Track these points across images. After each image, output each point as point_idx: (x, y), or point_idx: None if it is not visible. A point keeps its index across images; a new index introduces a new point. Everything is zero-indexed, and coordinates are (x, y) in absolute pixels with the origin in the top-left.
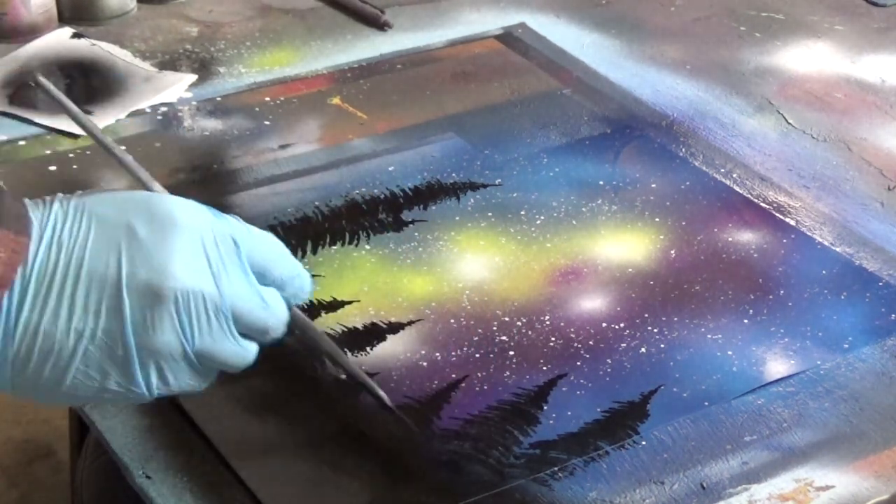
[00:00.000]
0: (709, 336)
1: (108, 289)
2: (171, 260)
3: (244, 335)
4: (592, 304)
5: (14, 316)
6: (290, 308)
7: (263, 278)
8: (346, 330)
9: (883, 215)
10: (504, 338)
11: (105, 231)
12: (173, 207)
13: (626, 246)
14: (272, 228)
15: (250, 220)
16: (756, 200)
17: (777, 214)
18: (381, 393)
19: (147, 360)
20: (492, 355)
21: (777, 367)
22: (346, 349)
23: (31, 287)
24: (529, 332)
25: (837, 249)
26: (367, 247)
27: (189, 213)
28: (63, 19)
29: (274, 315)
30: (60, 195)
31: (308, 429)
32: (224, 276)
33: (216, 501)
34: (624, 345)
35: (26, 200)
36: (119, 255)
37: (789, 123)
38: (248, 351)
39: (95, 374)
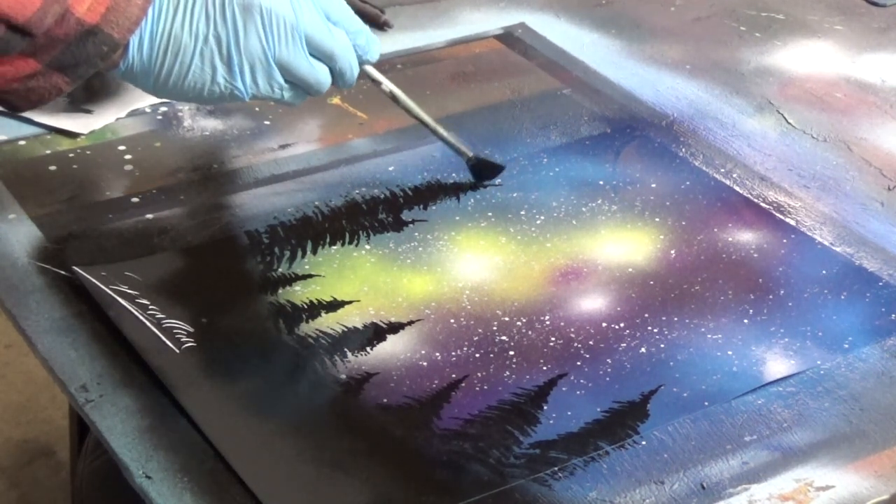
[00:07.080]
0: (709, 336)
1: (216, 2)
2: None
3: (316, 58)
4: (592, 304)
5: (154, 23)
6: (361, 65)
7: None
8: (346, 330)
9: (883, 215)
10: (504, 338)
11: None
12: None
13: (626, 246)
14: (272, 228)
15: (250, 220)
16: (756, 200)
17: (777, 214)
18: (464, 148)
19: (242, 61)
20: (492, 355)
21: (777, 367)
22: (346, 349)
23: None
24: (529, 332)
25: (837, 249)
26: (367, 247)
27: None
28: None
29: (338, 43)
30: None
31: (308, 429)
32: (300, 6)
33: (216, 501)
34: (624, 345)
35: None
36: None
37: (789, 123)
38: (319, 71)
39: (208, 69)
